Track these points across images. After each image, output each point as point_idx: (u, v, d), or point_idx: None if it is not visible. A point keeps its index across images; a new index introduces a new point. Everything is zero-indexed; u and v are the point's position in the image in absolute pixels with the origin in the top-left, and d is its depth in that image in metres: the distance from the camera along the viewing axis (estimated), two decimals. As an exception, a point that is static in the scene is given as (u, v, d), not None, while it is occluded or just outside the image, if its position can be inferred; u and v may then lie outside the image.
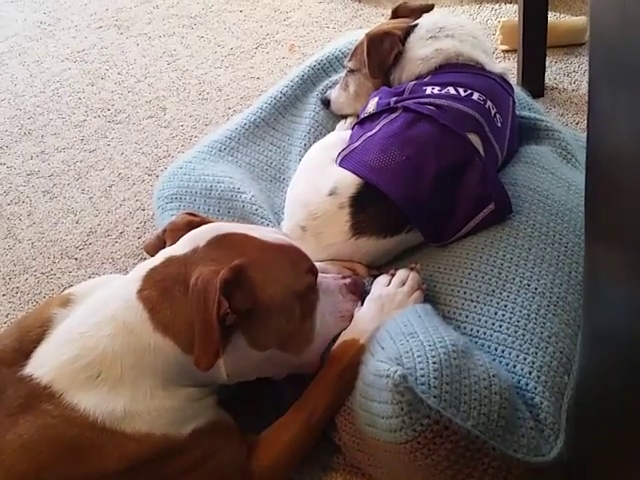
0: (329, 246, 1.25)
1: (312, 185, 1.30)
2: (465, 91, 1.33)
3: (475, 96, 1.33)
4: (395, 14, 1.60)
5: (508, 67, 1.52)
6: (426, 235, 1.25)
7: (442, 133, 1.25)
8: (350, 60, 1.58)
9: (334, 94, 1.62)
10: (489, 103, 1.33)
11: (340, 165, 1.28)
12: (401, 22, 1.55)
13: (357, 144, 1.30)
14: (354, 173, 1.25)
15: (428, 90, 1.34)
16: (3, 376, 0.98)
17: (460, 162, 1.24)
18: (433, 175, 1.22)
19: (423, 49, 1.45)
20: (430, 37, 1.46)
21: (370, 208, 1.23)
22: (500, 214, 1.23)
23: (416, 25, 1.51)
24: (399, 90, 1.39)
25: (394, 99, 1.36)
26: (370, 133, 1.31)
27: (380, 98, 1.40)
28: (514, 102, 1.44)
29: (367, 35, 1.50)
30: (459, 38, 1.46)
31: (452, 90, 1.33)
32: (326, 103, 1.64)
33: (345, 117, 1.62)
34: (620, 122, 0.71)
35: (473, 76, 1.39)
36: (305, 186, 1.32)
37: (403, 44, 1.48)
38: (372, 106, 1.40)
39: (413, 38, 1.48)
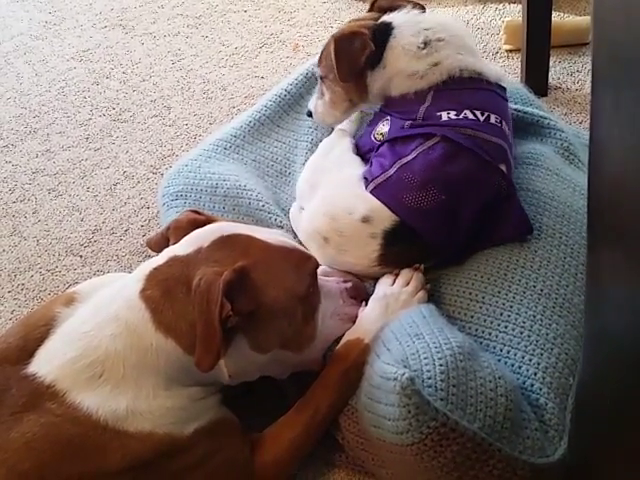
0: (350, 265, 1.22)
1: (341, 202, 1.24)
2: (482, 114, 1.25)
3: (492, 119, 1.25)
4: (372, 8, 1.44)
5: (502, 73, 1.41)
6: (451, 261, 1.22)
7: (482, 169, 1.20)
8: (319, 66, 1.44)
9: (312, 104, 1.51)
10: (504, 124, 1.27)
11: (374, 194, 1.21)
12: (366, 19, 1.40)
13: (391, 172, 1.22)
14: (390, 209, 1.19)
15: (444, 116, 1.25)
16: (7, 374, 0.99)
17: (495, 197, 1.20)
18: (471, 215, 1.18)
19: (419, 62, 1.31)
20: (423, 43, 1.31)
21: (402, 244, 1.20)
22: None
23: (389, 24, 1.35)
24: (411, 115, 1.29)
25: (409, 122, 1.27)
26: (405, 160, 1.22)
27: (392, 122, 1.31)
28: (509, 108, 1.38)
29: (333, 37, 1.36)
30: (454, 44, 1.32)
31: (470, 115, 1.25)
32: (310, 115, 1.53)
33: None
34: (623, 121, 0.71)
35: (483, 94, 1.30)
36: (332, 199, 1.26)
37: (375, 43, 1.32)
38: (385, 127, 1.31)
39: (396, 43, 1.33)
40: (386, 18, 1.37)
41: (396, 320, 1.08)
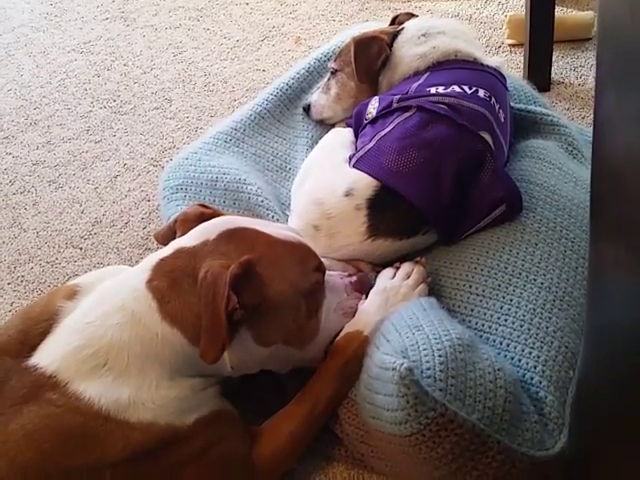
0: (344, 246, 1.24)
1: (326, 184, 1.27)
2: (470, 88, 1.31)
3: (481, 93, 1.31)
4: (393, 23, 1.60)
5: (502, 60, 1.50)
6: (442, 235, 1.24)
7: (459, 133, 1.23)
8: (335, 61, 1.57)
9: (314, 98, 1.61)
10: (493, 99, 1.32)
11: (355, 167, 1.25)
12: (387, 28, 1.55)
13: (371, 145, 1.27)
14: (371, 176, 1.22)
15: (432, 90, 1.32)
16: (7, 366, 0.98)
17: (475, 162, 1.22)
18: (451, 177, 1.20)
19: (418, 47, 1.44)
20: (422, 35, 1.45)
21: (388, 210, 1.21)
22: (511, 213, 1.22)
23: (402, 29, 1.50)
24: (403, 92, 1.36)
25: (397, 97, 1.33)
26: (383, 132, 1.27)
27: (381, 100, 1.38)
28: (509, 95, 1.44)
29: (354, 39, 1.49)
30: (452, 34, 1.45)
31: (457, 88, 1.31)
32: (307, 109, 1.63)
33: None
34: (627, 115, 0.70)
35: (474, 72, 1.38)
36: (317, 184, 1.29)
37: (390, 48, 1.47)
38: (375, 104, 1.37)
39: (401, 39, 1.48)
40: (402, 25, 1.53)
41: (396, 312, 1.08)
